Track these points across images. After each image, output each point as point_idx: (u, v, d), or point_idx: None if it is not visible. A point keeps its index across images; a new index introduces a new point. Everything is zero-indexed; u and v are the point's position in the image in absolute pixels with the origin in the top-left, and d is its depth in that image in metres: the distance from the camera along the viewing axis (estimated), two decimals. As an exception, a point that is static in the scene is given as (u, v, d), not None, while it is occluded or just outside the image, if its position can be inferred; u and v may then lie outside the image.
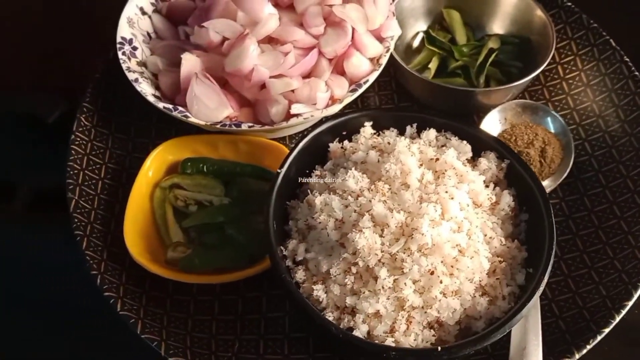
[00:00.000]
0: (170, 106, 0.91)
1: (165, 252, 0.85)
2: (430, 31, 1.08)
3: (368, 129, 0.83)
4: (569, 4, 1.08)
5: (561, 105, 1.01)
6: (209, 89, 0.91)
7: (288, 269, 0.72)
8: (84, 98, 1.00)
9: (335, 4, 0.94)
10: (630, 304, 0.80)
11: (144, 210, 0.88)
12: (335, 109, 0.91)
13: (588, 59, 1.04)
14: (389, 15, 0.98)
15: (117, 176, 0.95)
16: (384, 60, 0.95)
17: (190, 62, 0.92)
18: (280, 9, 0.96)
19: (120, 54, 0.96)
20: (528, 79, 0.95)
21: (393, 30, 0.97)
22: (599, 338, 0.78)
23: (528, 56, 1.03)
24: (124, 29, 0.99)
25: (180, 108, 0.91)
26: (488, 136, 0.80)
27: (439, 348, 0.65)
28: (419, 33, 1.09)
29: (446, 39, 1.06)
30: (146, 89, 0.93)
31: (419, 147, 0.77)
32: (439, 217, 0.69)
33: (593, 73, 1.03)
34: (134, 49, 0.98)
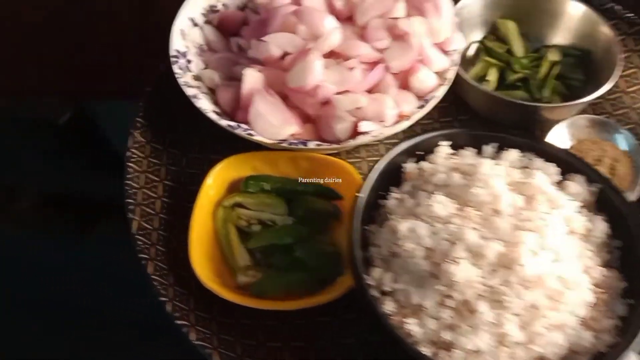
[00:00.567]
0: (234, 124, 0.88)
1: (233, 276, 0.82)
2: (486, 42, 1.05)
3: (445, 149, 0.80)
4: (630, 14, 1.05)
5: (625, 119, 0.99)
6: (272, 105, 0.88)
7: (375, 299, 0.69)
8: (137, 113, 0.97)
9: (400, 17, 0.92)
10: None
11: (207, 231, 0.85)
12: (404, 125, 0.88)
13: (651, 72, 1.01)
14: (453, 27, 0.95)
15: (175, 194, 0.92)
16: (451, 74, 0.92)
17: (252, 78, 0.89)
18: (338, 21, 0.93)
19: (176, 67, 0.92)
20: (595, 95, 0.92)
21: (458, 42, 0.95)
22: None
23: (589, 69, 1.00)
24: (177, 42, 0.95)
25: (244, 125, 0.88)
26: (575, 158, 0.78)
27: None
28: (471, 44, 1.07)
29: (503, 50, 1.04)
30: (206, 106, 0.89)
31: (505, 170, 0.74)
32: (538, 247, 0.66)
33: (657, 87, 1.00)
34: (189, 62, 0.95)
